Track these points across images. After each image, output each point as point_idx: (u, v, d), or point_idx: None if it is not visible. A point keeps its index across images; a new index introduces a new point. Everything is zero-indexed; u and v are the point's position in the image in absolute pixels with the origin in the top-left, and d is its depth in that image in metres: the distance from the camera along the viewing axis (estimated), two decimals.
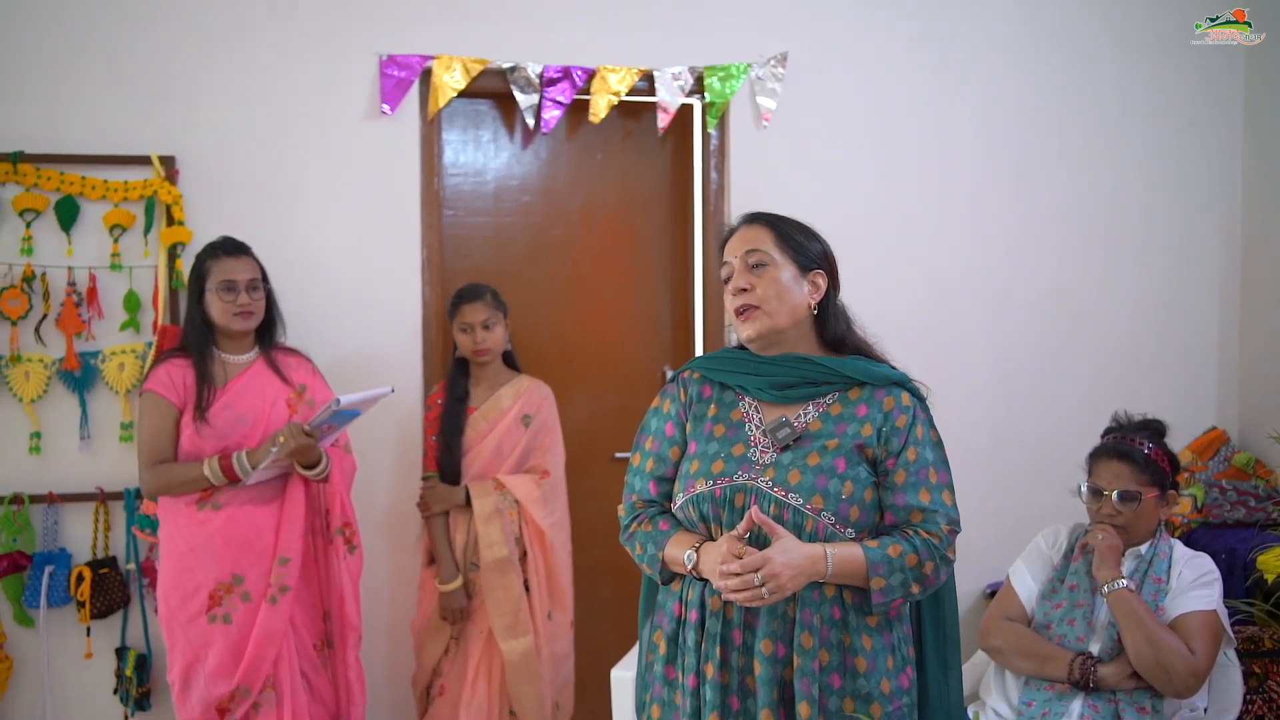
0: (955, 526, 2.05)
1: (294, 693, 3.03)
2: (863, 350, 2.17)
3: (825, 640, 1.98)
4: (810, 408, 2.09)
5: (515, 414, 3.39)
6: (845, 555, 1.95)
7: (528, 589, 3.33)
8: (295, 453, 2.95)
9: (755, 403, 2.12)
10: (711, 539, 2.04)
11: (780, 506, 1.99)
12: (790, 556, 1.90)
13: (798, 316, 2.11)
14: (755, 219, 2.17)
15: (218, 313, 3.05)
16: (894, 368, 2.16)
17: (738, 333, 2.14)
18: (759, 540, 1.96)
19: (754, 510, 1.94)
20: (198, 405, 3.00)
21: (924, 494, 2.03)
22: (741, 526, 1.95)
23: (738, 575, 1.89)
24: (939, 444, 2.11)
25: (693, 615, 2.04)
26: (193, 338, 3.07)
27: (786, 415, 2.08)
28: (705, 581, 2.02)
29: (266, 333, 3.18)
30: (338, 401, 2.88)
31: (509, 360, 3.48)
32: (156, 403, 3.02)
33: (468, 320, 3.34)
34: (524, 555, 3.35)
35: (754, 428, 2.09)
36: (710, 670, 2.00)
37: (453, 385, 3.42)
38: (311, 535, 3.13)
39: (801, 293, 2.11)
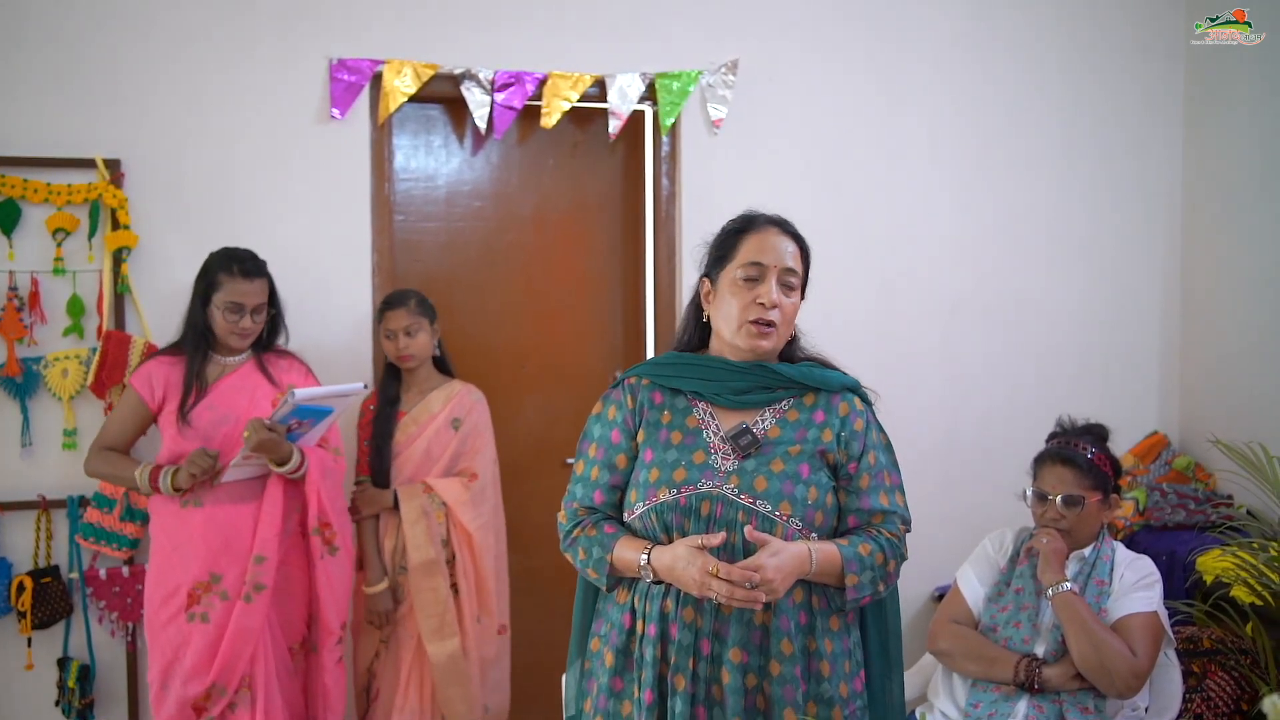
0: (908, 526, 2.13)
1: (269, 693, 3.01)
2: (813, 359, 2.21)
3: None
4: (767, 414, 2.11)
5: (445, 418, 3.39)
6: (826, 553, 1.99)
7: (456, 591, 3.33)
8: (259, 448, 2.92)
9: (710, 409, 2.12)
10: None
11: (748, 514, 1.99)
12: (780, 559, 1.90)
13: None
14: (794, 235, 2.18)
15: (219, 328, 3.07)
16: (845, 374, 2.20)
17: (745, 341, 2.09)
18: (730, 551, 1.96)
19: (749, 530, 1.93)
20: (181, 406, 3.02)
21: (883, 497, 2.09)
22: (716, 540, 1.92)
23: (728, 582, 1.86)
24: (889, 446, 2.18)
25: (650, 629, 2.02)
26: (190, 339, 3.08)
27: (744, 421, 2.08)
28: (665, 593, 2.00)
29: (264, 337, 3.19)
30: (293, 394, 2.86)
31: (442, 365, 3.48)
32: (130, 397, 3.08)
33: (391, 326, 3.36)
34: (453, 558, 3.35)
35: (712, 434, 2.09)
36: (681, 682, 1.99)
37: (384, 389, 3.43)
38: (292, 535, 3.11)
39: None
